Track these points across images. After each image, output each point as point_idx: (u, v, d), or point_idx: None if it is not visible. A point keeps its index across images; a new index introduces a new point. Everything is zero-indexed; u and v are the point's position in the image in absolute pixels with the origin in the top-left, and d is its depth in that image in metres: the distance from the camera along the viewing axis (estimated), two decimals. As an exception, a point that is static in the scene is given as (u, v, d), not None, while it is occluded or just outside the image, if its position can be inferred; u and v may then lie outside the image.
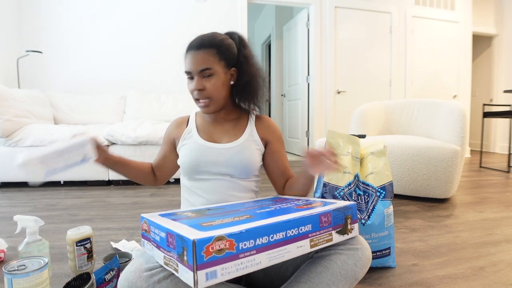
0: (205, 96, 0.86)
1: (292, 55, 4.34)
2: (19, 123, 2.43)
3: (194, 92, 0.87)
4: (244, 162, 0.88)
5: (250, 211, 0.67)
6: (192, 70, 0.85)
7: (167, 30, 3.42)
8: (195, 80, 0.86)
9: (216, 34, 0.89)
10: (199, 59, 0.84)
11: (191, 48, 0.86)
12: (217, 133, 0.93)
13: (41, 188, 2.38)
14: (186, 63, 0.87)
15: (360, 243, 0.72)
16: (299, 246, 0.60)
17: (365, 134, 2.10)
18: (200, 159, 0.87)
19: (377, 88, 4.04)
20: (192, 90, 0.87)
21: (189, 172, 0.89)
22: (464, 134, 1.98)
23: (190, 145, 0.90)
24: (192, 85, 0.86)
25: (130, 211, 1.79)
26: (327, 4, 3.78)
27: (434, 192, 1.97)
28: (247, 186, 0.92)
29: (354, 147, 1.13)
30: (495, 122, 4.83)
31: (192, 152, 0.89)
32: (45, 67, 3.19)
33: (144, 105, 3.09)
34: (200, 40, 0.86)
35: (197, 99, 0.87)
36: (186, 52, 0.87)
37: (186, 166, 0.89)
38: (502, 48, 4.76)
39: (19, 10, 3.13)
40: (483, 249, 1.26)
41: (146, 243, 0.64)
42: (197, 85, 0.85)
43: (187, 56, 0.86)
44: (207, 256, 0.48)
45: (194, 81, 0.86)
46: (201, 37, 0.88)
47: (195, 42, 0.86)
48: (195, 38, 0.89)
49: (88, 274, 0.88)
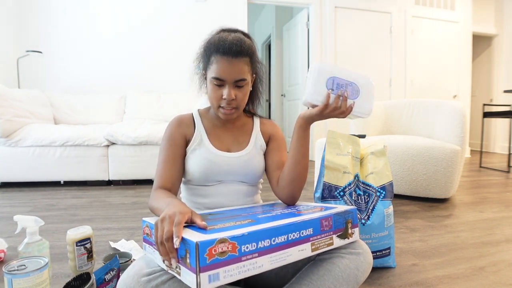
0: (234, 106, 0.81)
1: (292, 55, 4.34)
2: (19, 123, 2.43)
3: (223, 101, 0.80)
4: (254, 171, 0.89)
5: (252, 216, 0.68)
6: (227, 78, 0.78)
7: (167, 30, 3.42)
8: (227, 89, 0.78)
9: (245, 38, 0.83)
10: (237, 69, 0.77)
11: (228, 53, 0.76)
12: (226, 139, 0.90)
13: (41, 188, 2.38)
14: (218, 69, 0.77)
15: (361, 248, 0.72)
16: (300, 250, 0.60)
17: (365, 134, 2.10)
18: (213, 169, 0.84)
19: (377, 88, 4.03)
20: (221, 99, 0.80)
21: (198, 180, 0.86)
22: (464, 134, 1.98)
23: (202, 154, 0.85)
24: (222, 93, 0.79)
25: (130, 211, 1.79)
26: (327, 4, 3.78)
27: (434, 192, 1.97)
28: (254, 189, 0.93)
29: (354, 147, 1.13)
30: (495, 122, 4.83)
31: (204, 161, 0.84)
32: (45, 67, 3.19)
33: (144, 105, 3.09)
34: (239, 46, 0.77)
35: (221, 107, 0.81)
36: (219, 55, 0.77)
37: (197, 175, 0.85)
38: (502, 48, 4.76)
39: (19, 10, 3.13)
40: (483, 249, 1.26)
41: (148, 246, 0.65)
42: (230, 95, 0.78)
43: (221, 61, 0.77)
44: (210, 259, 0.49)
45: (225, 90, 0.79)
46: (238, 42, 0.78)
47: (234, 48, 0.76)
48: (229, 39, 0.78)
49: (88, 274, 0.88)
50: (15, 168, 2.38)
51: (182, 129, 0.88)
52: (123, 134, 2.46)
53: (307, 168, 0.82)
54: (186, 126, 0.89)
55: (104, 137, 2.47)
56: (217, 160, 0.85)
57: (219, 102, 0.81)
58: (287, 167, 0.83)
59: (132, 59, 3.37)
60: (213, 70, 0.79)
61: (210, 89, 0.82)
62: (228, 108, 0.81)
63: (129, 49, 3.36)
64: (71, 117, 2.96)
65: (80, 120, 2.97)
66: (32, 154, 2.38)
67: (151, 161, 2.53)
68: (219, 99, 0.81)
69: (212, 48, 0.80)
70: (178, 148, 0.86)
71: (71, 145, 2.42)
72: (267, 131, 0.96)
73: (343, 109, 0.75)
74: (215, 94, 0.81)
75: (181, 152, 0.86)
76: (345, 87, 0.76)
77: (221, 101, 0.81)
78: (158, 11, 3.40)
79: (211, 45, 0.81)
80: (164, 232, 0.53)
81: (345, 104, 0.75)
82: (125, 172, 2.52)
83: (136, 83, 3.37)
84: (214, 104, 0.83)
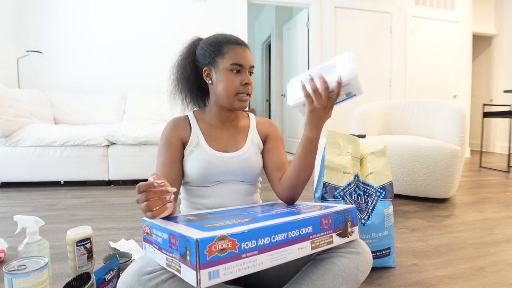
0: (249, 92, 0.85)
1: (292, 55, 4.34)
2: (19, 123, 2.43)
3: (242, 87, 0.84)
4: (252, 169, 0.89)
5: (252, 215, 0.68)
6: (246, 64, 0.83)
7: (167, 30, 3.42)
8: (246, 74, 0.84)
9: None
10: (250, 57, 0.85)
11: (239, 43, 0.85)
12: (223, 139, 0.90)
13: (41, 188, 2.38)
14: (236, 56, 0.83)
15: (361, 247, 0.72)
16: (300, 248, 0.60)
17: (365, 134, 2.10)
18: (211, 170, 0.85)
19: (377, 88, 4.04)
20: (239, 85, 0.83)
21: (196, 181, 0.86)
22: (464, 134, 1.98)
23: (200, 155, 0.85)
24: (244, 78, 0.83)
25: (130, 211, 1.79)
26: (327, 4, 3.78)
27: (434, 192, 1.97)
28: (253, 188, 0.93)
29: (354, 147, 1.13)
30: (495, 122, 4.83)
31: (202, 163, 0.85)
32: (45, 67, 3.19)
33: (144, 105, 3.09)
34: (240, 39, 0.87)
35: (241, 93, 0.84)
36: (233, 44, 0.84)
37: (195, 177, 0.85)
38: (502, 48, 4.76)
39: (19, 10, 3.13)
40: (483, 249, 1.26)
41: (148, 245, 0.65)
42: (249, 79, 0.84)
43: (236, 49, 0.83)
44: (209, 256, 0.49)
45: (244, 75, 0.84)
46: (236, 36, 0.88)
47: (239, 39, 0.86)
48: (229, 34, 0.87)
49: (88, 274, 0.88)
50: (15, 168, 2.38)
51: (178, 132, 0.88)
52: (123, 134, 2.46)
53: (310, 175, 0.82)
54: (182, 128, 0.89)
55: (104, 137, 2.47)
56: (214, 161, 0.85)
57: (237, 89, 0.83)
58: (291, 173, 0.81)
59: (132, 59, 3.37)
60: (230, 57, 0.83)
61: (226, 78, 0.83)
62: (245, 94, 0.84)
63: (129, 49, 3.36)
64: (71, 117, 2.96)
65: (80, 120, 2.97)
66: (32, 154, 2.38)
67: (151, 161, 2.53)
68: (237, 86, 0.83)
69: (222, 41, 0.85)
70: (175, 151, 0.86)
71: (71, 145, 2.42)
72: (263, 130, 0.96)
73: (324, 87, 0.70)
74: (234, 81, 0.83)
75: (179, 155, 0.86)
76: (318, 72, 0.74)
77: (239, 88, 0.83)
78: (158, 12, 3.40)
79: (216, 40, 0.86)
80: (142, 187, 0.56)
81: (323, 81, 0.70)
82: (125, 172, 2.52)
83: (136, 83, 3.37)
84: (231, 93, 0.83)
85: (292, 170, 0.80)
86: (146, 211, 0.57)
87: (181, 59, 0.93)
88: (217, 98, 0.87)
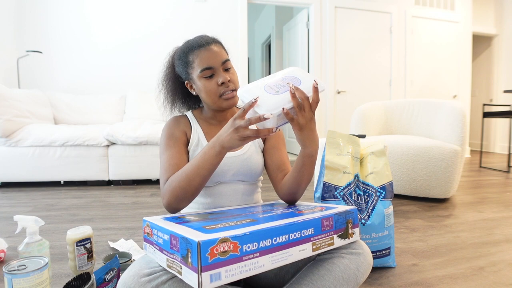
0: (232, 88, 0.81)
1: (292, 55, 4.34)
2: (19, 123, 2.43)
3: (222, 88, 0.80)
4: (253, 169, 0.89)
5: (253, 216, 0.68)
6: (215, 63, 0.80)
7: (167, 30, 3.42)
8: (220, 74, 0.81)
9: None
10: (218, 52, 0.81)
11: (202, 45, 0.81)
12: None
13: (41, 188, 2.38)
14: (202, 60, 0.80)
15: (362, 248, 0.72)
16: (301, 250, 0.60)
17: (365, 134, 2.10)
18: None
19: (377, 88, 4.04)
20: (217, 86, 0.80)
21: None
22: (464, 134, 1.98)
23: None
24: (219, 79, 0.80)
25: (130, 211, 1.79)
26: (327, 4, 3.78)
27: (434, 192, 1.97)
28: (254, 188, 0.93)
29: (354, 147, 1.13)
30: (495, 122, 4.83)
31: None
32: (45, 67, 3.19)
33: (144, 105, 3.09)
34: (206, 37, 0.83)
35: (222, 95, 0.81)
36: (196, 50, 0.81)
37: None
38: (502, 48, 4.76)
39: (19, 10, 3.13)
40: (483, 249, 1.26)
41: (148, 246, 0.65)
42: (225, 77, 0.80)
43: (201, 52, 0.80)
44: (211, 258, 0.49)
45: (218, 76, 0.81)
46: (203, 35, 0.85)
47: (202, 40, 0.82)
48: (194, 39, 0.84)
49: (88, 274, 0.88)
50: (15, 168, 2.38)
51: (181, 127, 0.88)
52: (123, 134, 2.46)
53: (310, 180, 0.81)
54: (185, 125, 0.90)
55: (104, 137, 2.47)
56: None
57: (217, 92, 0.81)
58: (291, 182, 0.79)
59: (132, 59, 3.37)
60: (198, 64, 0.81)
61: (203, 85, 0.82)
62: (228, 92, 0.81)
63: (129, 49, 3.36)
64: (71, 117, 2.96)
65: (80, 120, 2.97)
66: (32, 154, 2.38)
67: (151, 161, 2.53)
68: (216, 89, 0.81)
69: (186, 50, 0.83)
70: (182, 145, 0.85)
71: (71, 145, 2.42)
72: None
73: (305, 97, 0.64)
74: (210, 86, 0.81)
75: (185, 149, 0.86)
76: (286, 81, 0.67)
77: (219, 89, 0.81)
78: (158, 12, 3.40)
79: (182, 52, 0.85)
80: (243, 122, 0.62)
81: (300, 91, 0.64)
82: (125, 172, 2.52)
83: (136, 83, 3.37)
84: (213, 97, 0.82)
85: (293, 180, 0.78)
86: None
87: (165, 74, 0.93)
88: (206, 104, 0.88)
